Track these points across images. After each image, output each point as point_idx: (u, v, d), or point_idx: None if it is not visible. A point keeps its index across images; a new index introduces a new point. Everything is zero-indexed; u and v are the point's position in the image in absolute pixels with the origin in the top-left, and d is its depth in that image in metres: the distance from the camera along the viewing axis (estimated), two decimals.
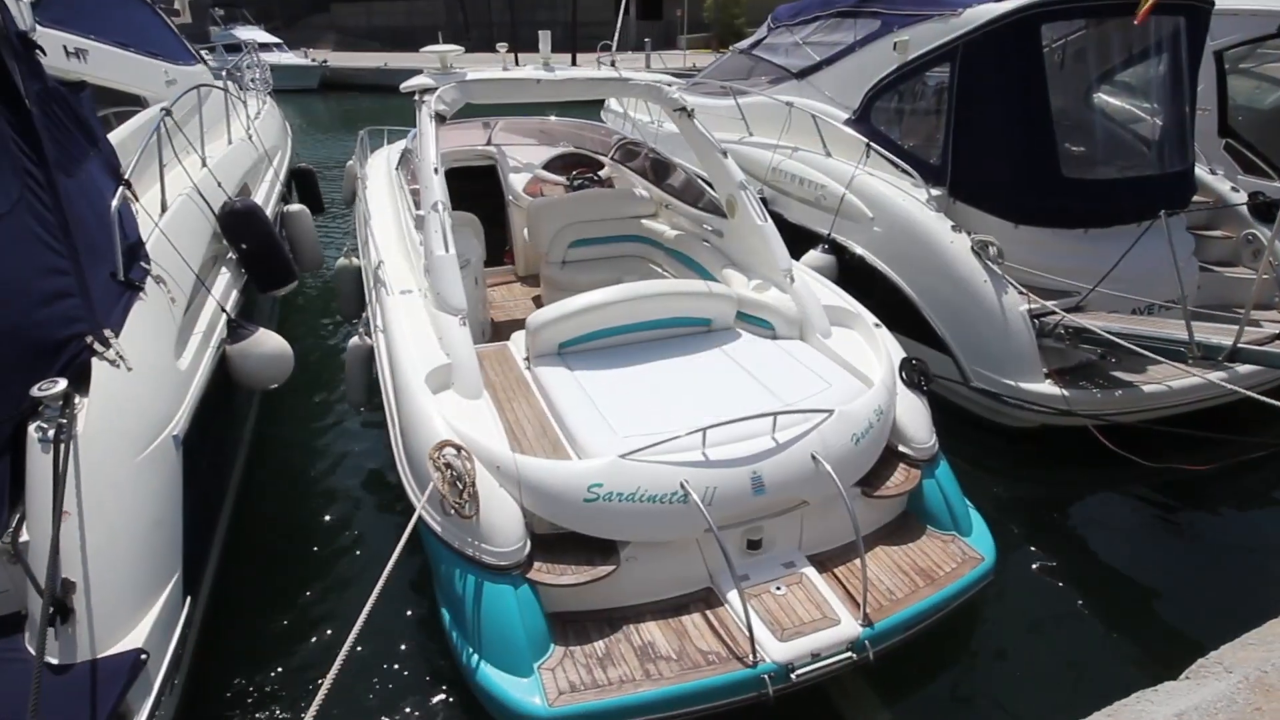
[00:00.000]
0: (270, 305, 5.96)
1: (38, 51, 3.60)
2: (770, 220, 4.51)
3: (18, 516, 2.60)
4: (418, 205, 4.59)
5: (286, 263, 5.06)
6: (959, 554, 3.29)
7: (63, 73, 4.17)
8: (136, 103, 5.34)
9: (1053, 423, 4.78)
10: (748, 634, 2.74)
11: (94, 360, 2.99)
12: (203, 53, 9.06)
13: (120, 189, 3.65)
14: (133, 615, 2.66)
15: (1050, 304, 4.88)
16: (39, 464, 2.60)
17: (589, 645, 2.81)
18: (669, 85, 4.90)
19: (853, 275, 5.80)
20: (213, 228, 4.68)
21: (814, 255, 5.90)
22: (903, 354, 3.92)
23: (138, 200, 4.22)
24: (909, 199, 5.52)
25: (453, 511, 2.77)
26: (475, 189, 6.89)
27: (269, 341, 4.17)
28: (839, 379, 3.64)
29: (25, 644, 2.50)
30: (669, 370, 3.71)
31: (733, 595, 2.90)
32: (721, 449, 2.99)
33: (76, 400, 2.83)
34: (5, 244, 3.05)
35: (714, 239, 5.16)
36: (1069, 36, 5.40)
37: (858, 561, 3.03)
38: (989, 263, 5.01)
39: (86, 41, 4.60)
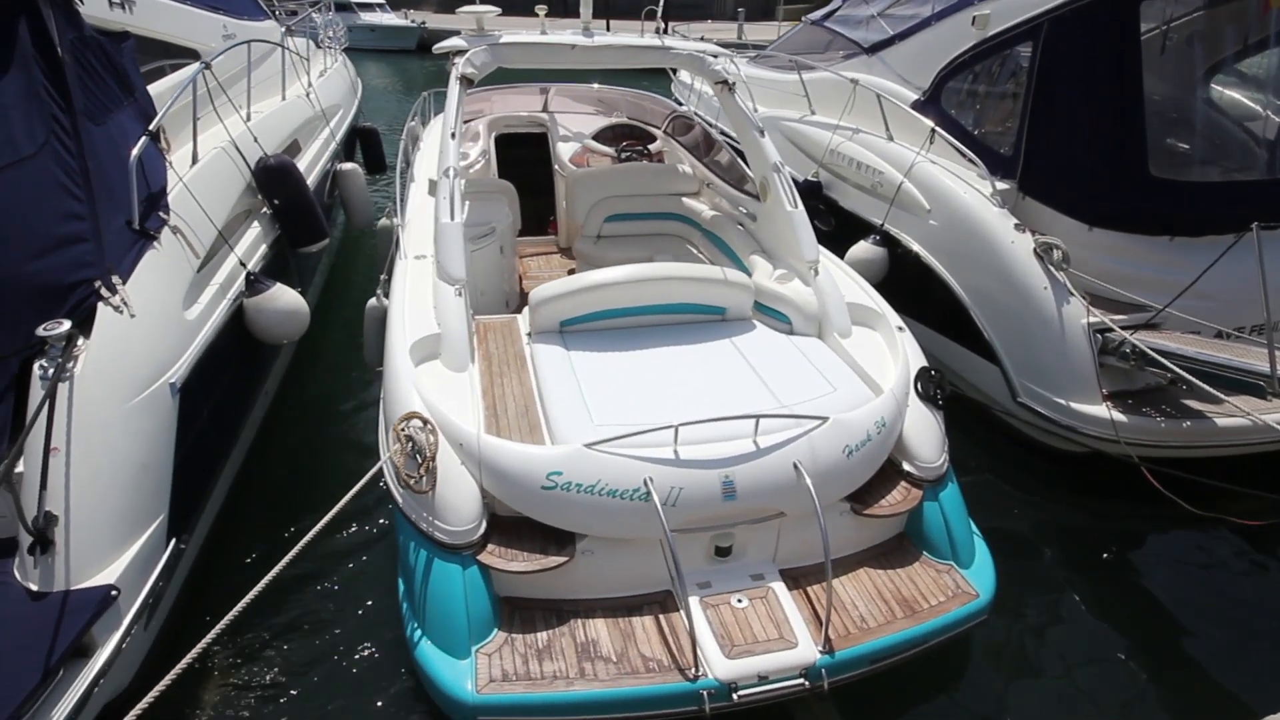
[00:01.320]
0: (314, 262, 6.04)
1: (76, 1, 3.68)
2: (801, 206, 4.19)
3: (17, 448, 2.71)
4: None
5: (318, 220, 5.11)
6: (951, 587, 3.00)
7: (105, 23, 4.26)
8: (195, 56, 5.46)
9: (1105, 450, 4.31)
10: (693, 645, 2.59)
11: (100, 305, 3.10)
12: (308, 8, 9.25)
13: (144, 139, 3.71)
14: (110, 552, 2.77)
15: (1117, 318, 4.37)
16: (37, 400, 2.71)
17: (532, 635, 2.72)
18: (714, 56, 4.60)
19: (904, 271, 5.40)
20: (246, 182, 4.75)
21: (863, 246, 5.52)
22: (923, 362, 3.58)
23: (168, 151, 4.32)
24: (971, 191, 5.05)
25: (407, 484, 2.72)
26: (527, 156, 6.79)
27: (283, 297, 4.22)
28: (847, 383, 3.37)
29: (14, 569, 2.62)
30: (669, 359, 3.53)
31: (690, 602, 2.74)
32: (695, 448, 2.81)
33: (80, 342, 2.93)
34: (27, 187, 3.19)
35: (748, 222, 4.88)
36: (1173, 19, 4.76)
37: (837, 580, 2.85)
38: (1051, 267, 4.53)
39: None
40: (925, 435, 3.28)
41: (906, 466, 3.24)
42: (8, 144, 3.21)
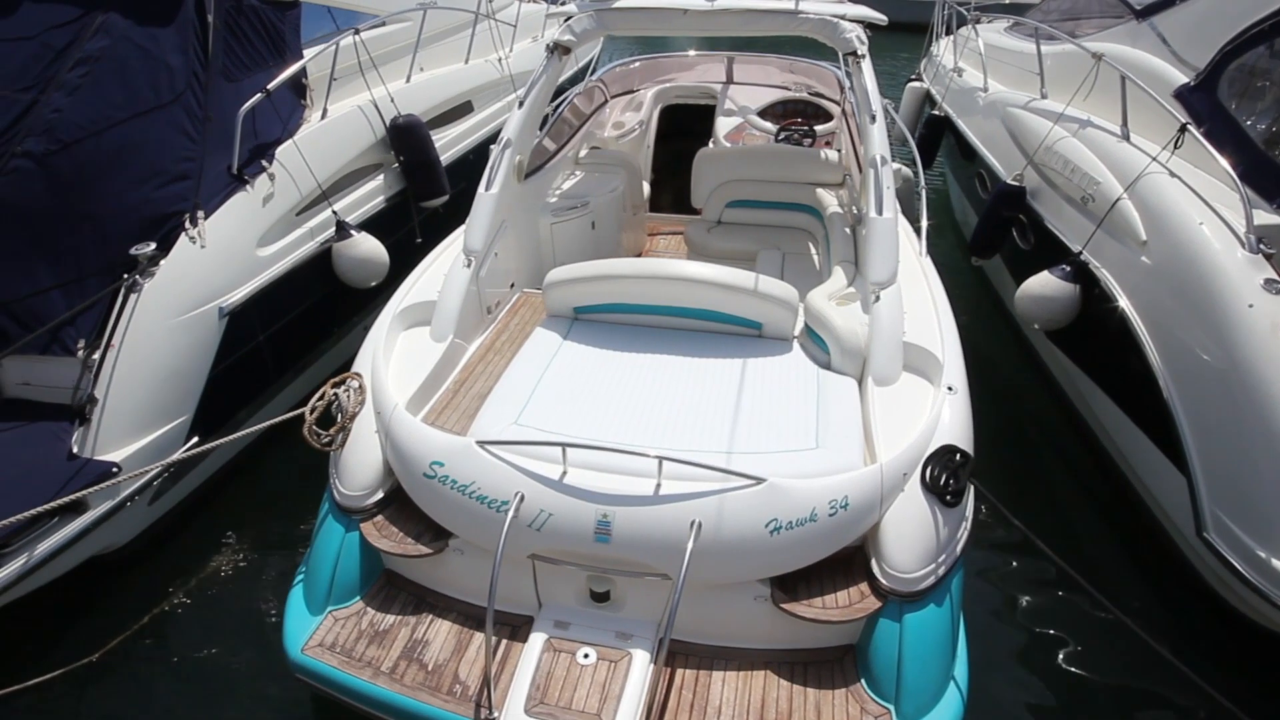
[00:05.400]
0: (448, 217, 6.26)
1: None
2: (890, 214, 3.26)
3: (97, 342, 3.41)
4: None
5: (439, 178, 5.33)
6: None
7: None
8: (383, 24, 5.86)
9: None
10: (490, 684, 2.36)
11: (182, 234, 3.71)
12: None
13: (258, 96, 4.13)
14: (129, 436, 3.36)
15: None
16: (117, 305, 3.40)
17: (383, 615, 2.69)
18: (852, 22, 3.72)
19: (1096, 320, 4.01)
20: (379, 139, 5.05)
21: (1045, 280, 4.19)
22: (956, 439, 2.58)
23: (309, 109, 4.73)
24: (1212, 222, 3.50)
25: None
26: (693, 128, 6.35)
27: (363, 244, 4.53)
28: (842, 443, 2.63)
29: (72, 432, 3.28)
30: (662, 371, 3.10)
31: (535, 638, 2.50)
32: (583, 474, 2.47)
33: (161, 263, 3.57)
34: (157, 130, 3.85)
35: (857, 225, 3.99)
36: None
37: (720, 673, 2.40)
38: None
39: None
40: (911, 534, 2.40)
41: (874, 567, 2.42)
42: (153, 91, 3.88)
